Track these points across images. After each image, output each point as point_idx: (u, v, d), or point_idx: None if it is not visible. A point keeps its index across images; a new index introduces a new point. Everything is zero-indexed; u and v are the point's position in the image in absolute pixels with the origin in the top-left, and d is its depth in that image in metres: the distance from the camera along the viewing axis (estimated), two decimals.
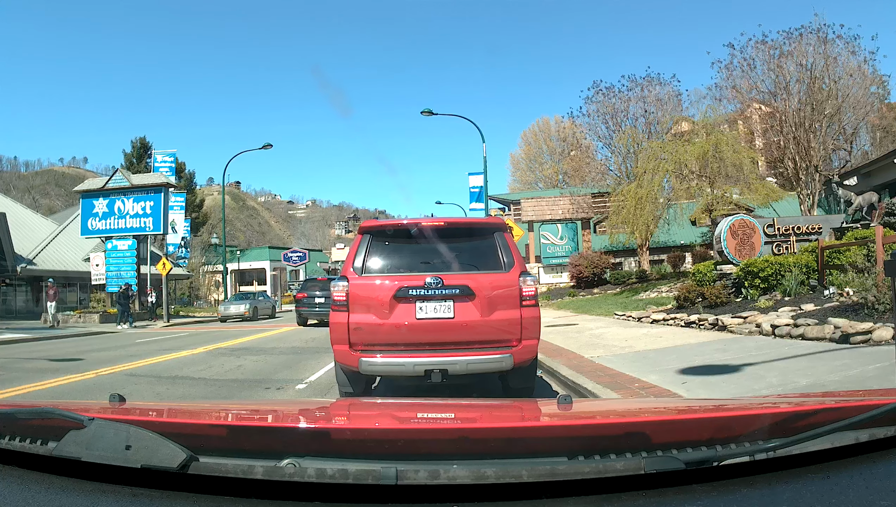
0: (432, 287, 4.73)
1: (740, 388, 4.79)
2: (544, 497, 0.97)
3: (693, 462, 0.99)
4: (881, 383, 4.33)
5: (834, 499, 0.94)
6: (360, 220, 34.20)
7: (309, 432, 1.24)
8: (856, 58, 18.79)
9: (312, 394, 6.42)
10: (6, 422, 1.25)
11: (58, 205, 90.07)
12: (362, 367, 4.78)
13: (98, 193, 26.21)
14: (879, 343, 5.90)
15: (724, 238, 12.92)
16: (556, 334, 10.13)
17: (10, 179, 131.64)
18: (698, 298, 11.32)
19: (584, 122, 26.25)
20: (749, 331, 8.18)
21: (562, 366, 6.50)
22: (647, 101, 24.27)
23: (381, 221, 5.58)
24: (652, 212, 21.34)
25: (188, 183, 47.88)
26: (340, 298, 4.88)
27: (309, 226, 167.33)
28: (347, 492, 0.97)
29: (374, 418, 1.68)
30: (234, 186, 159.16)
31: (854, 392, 2.50)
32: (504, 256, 5.00)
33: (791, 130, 19.02)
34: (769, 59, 19.31)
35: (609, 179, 25.95)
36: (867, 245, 9.41)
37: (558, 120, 51.60)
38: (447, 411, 1.83)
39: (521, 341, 4.83)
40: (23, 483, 1.08)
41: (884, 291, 6.73)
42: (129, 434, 1.03)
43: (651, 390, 4.98)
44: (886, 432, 1.11)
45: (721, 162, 19.43)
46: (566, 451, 1.03)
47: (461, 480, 0.96)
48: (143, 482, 1.03)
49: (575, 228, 30.24)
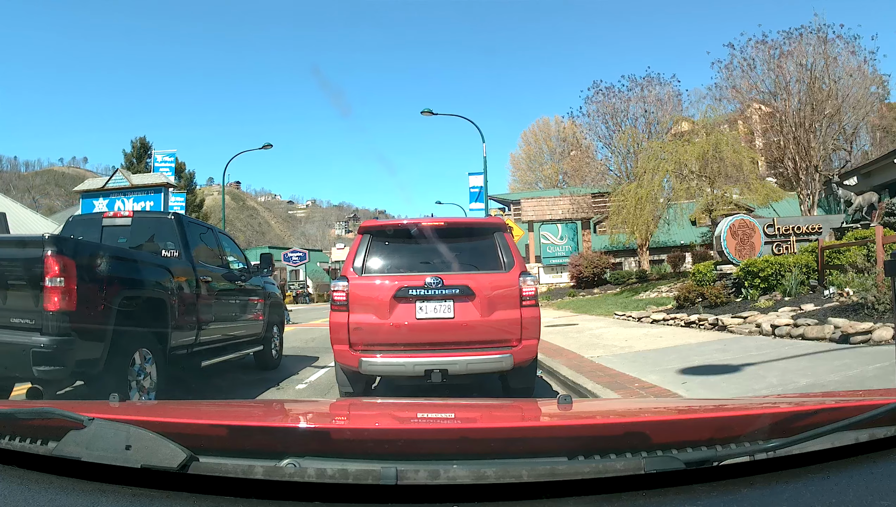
0: (432, 287, 4.73)
1: (740, 388, 4.79)
2: (544, 497, 0.97)
3: (693, 462, 0.99)
4: (881, 383, 4.33)
5: (834, 499, 0.94)
6: (360, 220, 34.21)
7: (309, 432, 1.24)
8: (856, 58, 18.80)
9: (312, 394, 6.42)
10: (6, 422, 1.25)
11: (58, 205, 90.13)
12: (362, 367, 4.79)
13: (98, 194, 26.25)
14: (879, 343, 5.90)
15: (724, 238, 12.92)
16: (556, 334, 10.13)
17: (10, 179, 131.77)
18: (698, 298, 11.32)
19: (583, 122, 26.28)
20: (749, 331, 8.18)
21: (562, 366, 6.51)
22: (647, 101, 24.26)
23: (381, 221, 5.59)
24: (652, 212, 21.33)
25: (188, 183, 47.80)
26: (340, 298, 4.88)
27: (309, 226, 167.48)
28: (347, 492, 0.97)
29: (374, 419, 1.68)
30: (234, 186, 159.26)
31: (854, 392, 2.50)
32: (504, 256, 5.01)
33: (791, 130, 19.01)
34: (769, 59, 19.32)
35: (609, 179, 25.94)
36: (867, 245, 9.41)
37: (558, 120, 51.62)
38: (447, 411, 1.83)
39: (521, 341, 4.83)
40: (23, 483, 1.08)
41: (884, 291, 6.73)
42: (129, 434, 1.04)
43: (651, 390, 4.98)
44: (886, 432, 1.11)
45: (721, 162, 19.43)
46: (566, 451, 1.03)
47: (461, 480, 0.96)
48: (143, 482, 1.03)
49: (575, 228, 30.23)
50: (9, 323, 4.08)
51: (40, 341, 3.97)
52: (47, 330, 4.00)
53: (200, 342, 5.91)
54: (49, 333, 3.99)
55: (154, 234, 6.29)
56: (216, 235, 7.28)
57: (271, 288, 8.54)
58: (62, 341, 4.01)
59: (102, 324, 4.34)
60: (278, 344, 8.42)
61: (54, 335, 4.00)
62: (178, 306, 5.44)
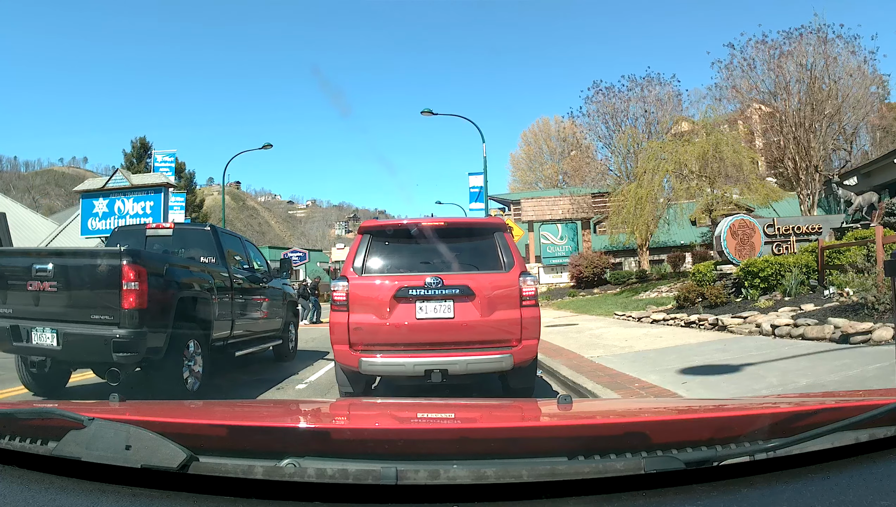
0: (432, 287, 4.73)
1: (740, 388, 4.79)
2: (544, 497, 0.97)
3: (693, 462, 0.99)
4: (881, 383, 4.33)
5: (834, 499, 0.94)
6: (360, 220, 34.19)
7: (309, 432, 1.24)
8: (856, 58, 18.80)
9: (312, 394, 6.43)
10: (6, 422, 1.25)
11: (58, 205, 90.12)
12: (362, 367, 4.79)
13: (98, 194, 26.20)
14: (879, 343, 5.90)
15: (724, 238, 12.92)
16: (556, 334, 10.13)
17: (10, 179, 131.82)
18: (698, 298, 11.32)
19: (584, 122, 26.29)
20: (749, 331, 8.18)
21: (562, 366, 6.51)
22: (647, 101, 24.28)
23: (381, 221, 5.59)
24: (652, 212, 21.34)
25: (188, 183, 47.77)
26: (340, 298, 4.88)
27: (309, 226, 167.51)
28: (347, 492, 0.97)
29: (374, 418, 1.68)
30: (235, 186, 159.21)
31: (854, 392, 2.50)
32: (504, 256, 5.01)
33: (791, 130, 19.01)
34: (769, 59, 19.32)
35: (609, 179, 25.94)
36: (867, 245, 9.41)
37: (558, 120, 51.56)
38: (447, 411, 1.83)
39: (521, 341, 4.83)
40: (23, 483, 1.08)
41: (884, 291, 6.73)
42: (129, 434, 1.03)
43: (651, 390, 4.98)
44: (886, 432, 1.11)
45: (721, 162, 19.43)
46: (566, 451, 1.03)
47: (461, 480, 0.96)
48: (144, 482, 1.03)
49: (575, 228, 30.23)
50: (89, 319, 4.99)
51: (119, 332, 4.89)
52: (124, 324, 4.91)
53: (234, 336, 6.90)
54: (125, 326, 4.91)
55: (193, 243, 7.23)
56: (243, 243, 8.31)
57: (288, 289, 9.48)
58: (136, 333, 4.94)
59: (165, 319, 5.28)
60: (294, 339, 9.34)
61: (130, 328, 4.91)
62: (219, 304, 6.40)
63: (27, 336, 5.07)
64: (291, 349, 9.15)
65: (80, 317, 5.03)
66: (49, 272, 5.07)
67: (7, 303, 5.23)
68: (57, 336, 4.99)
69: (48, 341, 5.03)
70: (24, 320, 5.11)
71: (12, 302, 5.22)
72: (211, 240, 7.11)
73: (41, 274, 5.08)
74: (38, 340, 5.06)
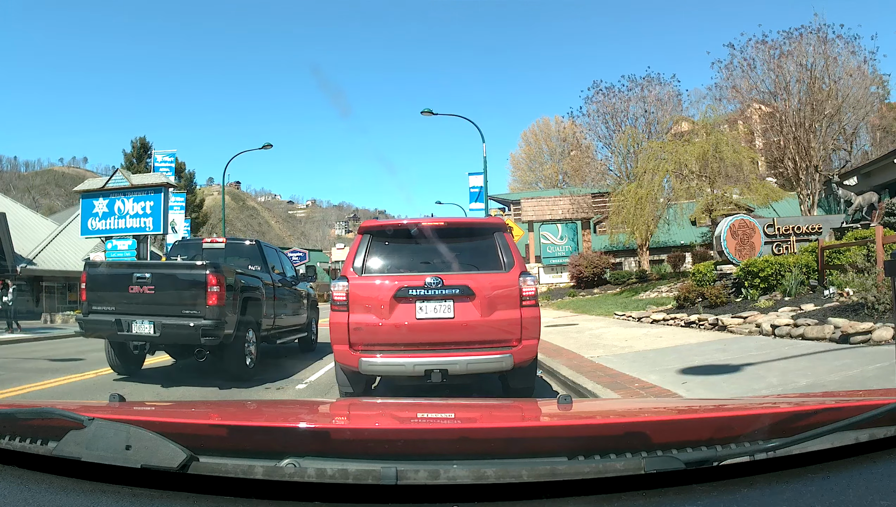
0: (432, 287, 4.73)
1: (740, 388, 4.79)
2: (544, 497, 0.97)
3: (693, 462, 0.99)
4: (881, 383, 4.33)
5: (834, 499, 0.94)
6: (360, 220, 34.18)
7: (309, 432, 1.24)
8: (856, 58, 18.82)
9: (312, 394, 6.42)
10: (6, 422, 1.24)
11: (58, 205, 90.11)
12: (362, 367, 4.79)
13: (98, 194, 26.15)
14: (879, 343, 5.90)
15: (724, 238, 12.92)
16: (556, 334, 10.13)
17: (10, 179, 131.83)
18: (698, 298, 11.32)
19: (584, 122, 26.31)
20: (749, 331, 8.18)
21: (562, 366, 6.50)
22: (647, 101, 24.28)
23: (381, 221, 5.59)
24: (652, 212, 21.34)
25: (188, 183, 47.80)
26: (340, 298, 4.88)
27: (309, 226, 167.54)
28: (347, 492, 0.97)
29: (374, 418, 1.68)
30: (235, 186, 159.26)
31: (854, 392, 2.50)
32: (504, 256, 5.00)
33: (791, 130, 19.01)
34: (769, 59, 19.33)
35: (609, 179, 25.95)
36: (867, 245, 9.40)
37: (558, 120, 51.55)
38: (447, 411, 1.83)
39: (521, 341, 4.83)
40: (23, 483, 1.08)
41: (884, 291, 6.73)
42: (129, 434, 1.03)
43: (651, 390, 4.98)
44: (886, 432, 1.11)
45: (721, 162, 19.43)
46: (566, 451, 1.03)
47: (461, 480, 0.96)
48: (144, 482, 1.03)
49: (575, 229, 30.23)
50: (181, 313, 6.58)
51: (205, 322, 6.48)
52: (208, 317, 6.50)
53: (275, 326, 8.56)
54: (209, 318, 6.50)
55: (241, 254, 8.94)
56: (278, 253, 10.01)
57: (311, 291, 11.26)
58: (217, 323, 6.52)
59: (234, 313, 6.89)
60: (315, 332, 11.03)
61: (213, 319, 6.50)
62: (266, 302, 7.99)
63: (128, 327, 6.55)
64: (313, 341, 10.76)
65: (172, 312, 6.57)
66: (148, 279, 6.65)
67: (112, 303, 6.74)
68: (154, 326, 6.50)
69: (146, 330, 6.53)
70: (126, 315, 6.59)
71: (115, 302, 6.73)
72: (256, 252, 8.87)
73: (141, 280, 6.65)
74: (137, 330, 6.55)
